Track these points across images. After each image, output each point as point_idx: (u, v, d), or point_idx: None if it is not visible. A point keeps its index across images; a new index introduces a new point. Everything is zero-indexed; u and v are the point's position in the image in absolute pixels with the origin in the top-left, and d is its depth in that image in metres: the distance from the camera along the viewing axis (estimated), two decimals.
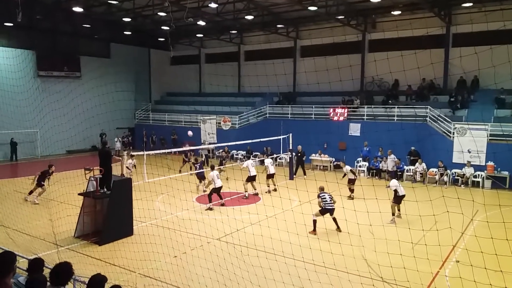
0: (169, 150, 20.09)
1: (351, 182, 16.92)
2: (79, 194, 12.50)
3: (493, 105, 22.25)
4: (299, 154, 22.40)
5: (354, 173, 17.28)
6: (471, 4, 22.32)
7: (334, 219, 12.61)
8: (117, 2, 25.15)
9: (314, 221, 12.56)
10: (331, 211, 12.62)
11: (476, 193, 18.13)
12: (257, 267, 8.86)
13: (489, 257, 8.83)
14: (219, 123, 28.70)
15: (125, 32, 32.03)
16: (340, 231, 12.49)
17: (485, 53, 21.68)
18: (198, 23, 27.93)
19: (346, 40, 27.77)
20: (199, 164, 18.02)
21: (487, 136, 19.84)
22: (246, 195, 16.82)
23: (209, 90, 36.29)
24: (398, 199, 13.90)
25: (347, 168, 17.14)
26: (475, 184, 19.57)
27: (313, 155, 24.83)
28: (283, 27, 29.79)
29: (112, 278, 6.51)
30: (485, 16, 22.48)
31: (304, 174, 22.08)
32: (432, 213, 11.53)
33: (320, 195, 12.82)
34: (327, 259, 9.57)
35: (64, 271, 4.63)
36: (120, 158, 14.93)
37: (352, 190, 16.87)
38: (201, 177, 17.58)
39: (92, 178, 12.02)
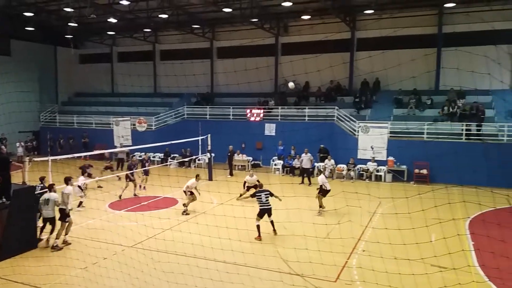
0: (79, 154, 18.91)
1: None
2: None
3: (392, 105, 24.44)
4: (229, 154, 22.87)
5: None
6: (372, 11, 24.19)
7: (272, 222, 12.11)
8: None
9: (258, 226, 11.89)
10: (268, 212, 12.09)
11: (379, 186, 19.86)
12: (169, 273, 8.80)
13: (395, 246, 9.75)
14: (134, 124, 27.72)
15: (27, 28, 29.45)
16: (275, 234, 12.11)
17: (386, 56, 24.00)
18: (109, 20, 26.66)
19: (261, 43, 28.57)
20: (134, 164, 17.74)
21: (388, 133, 21.70)
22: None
23: (123, 90, 34.83)
24: (324, 192, 14.63)
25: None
26: (378, 178, 21.32)
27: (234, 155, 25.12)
28: (199, 27, 29.66)
29: None
30: (387, 22, 24.69)
31: (231, 173, 22.75)
32: (337, 208, 12.37)
33: (256, 194, 12.39)
34: (239, 259, 9.81)
35: None
36: (22, 164, 13.71)
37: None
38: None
39: None
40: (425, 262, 9.21)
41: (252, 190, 15.15)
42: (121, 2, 22.22)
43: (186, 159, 25.21)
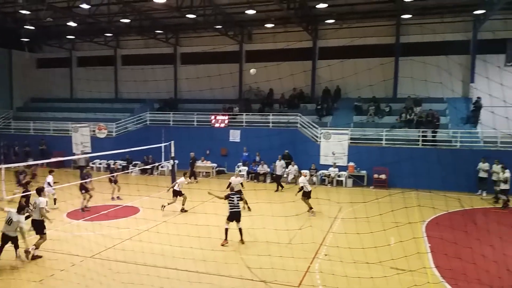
0: (35, 162, 18.21)
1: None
2: None
3: (352, 112, 25.13)
4: (191, 161, 22.70)
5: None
6: (333, 21, 24.86)
7: (240, 230, 11.96)
8: None
9: (226, 230, 11.86)
10: (237, 216, 12.01)
11: (340, 191, 20.28)
12: (128, 284, 8.61)
13: (354, 250, 9.98)
14: (94, 131, 26.95)
15: None
16: (243, 243, 11.93)
17: (346, 65, 24.67)
18: (69, 24, 25.89)
19: (225, 50, 28.65)
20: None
21: (348, 140, 22.26)
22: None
23: (82, 96, 33.85)
24: (307, 194, 15.20)
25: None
26: (339, 183, 21.80)
27: (196, 161, 24.89)
28: (162, 33, 29.36)
29: None
30: (348, 31, 25.44)
31: (195, 178, 22.71)
32: (299, 213, 12.53)
33: (230, 196, 12.21)
34: (201, 267, 9.73)
35: None
36: None
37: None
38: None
39: None
40: (384, 265, 9.50)
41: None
42: (81, 5, 21.65)
43: (149, 167, 24.76)
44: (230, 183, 15.92)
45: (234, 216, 12.01)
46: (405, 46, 25.25)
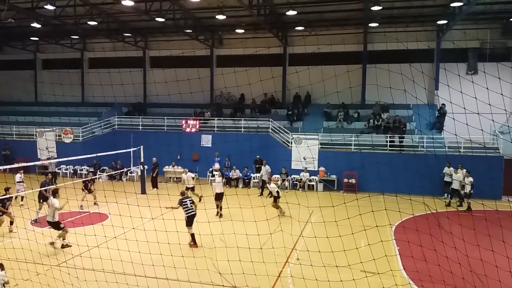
0: None
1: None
2: None
3: (322, 118, 25.53)
4: (152, 166, 22.04)
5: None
6: (303, 28, 25.23)
7: (193, 235, 12.38)
8: None
9: (192, 235, 12.35)
10: (193, 218, 12.40)
11: (310, 195, 20.52)
12: None
13: (324, 254, 10.09)
14: (60, 136, 26.12)
15: None
16: (196, 246, 12.39)
17: (316, 71, 25.03)
18: (33, 25, 25.05)
19: (196, 54, 28.46)
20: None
21: (319, 145, 22.58)
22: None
23: (47, 99, 32.76)
24: (275, 198, 15.89)
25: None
26: (311, 188, 22.06)
27: (166, 167, 24.59)
28: (130, 36, 28.90)
29: None
30: (317, 39, 25.81)
31: (156, 187, 21.70)
32: (269, 218, 12.58)
33: (182, 201, 12.47)
34: (171, 274, 9.59)
35: None
36: None
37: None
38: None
39: None
40: (353, 268, 9.65)
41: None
42: (45, 6, 20.99)
43: (117, 172, 24.22)
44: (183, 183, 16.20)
45: (192, 219, 12.37)
46: (372, 54, 25.98)
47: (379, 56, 25.48)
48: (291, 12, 21.12)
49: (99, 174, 24.62)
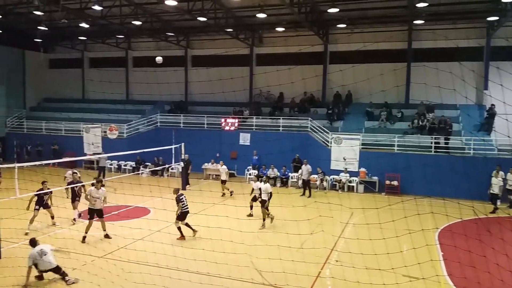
0: (47, 162, 18.32)
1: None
2: None
3: (364, 117, 24.99)
4: (185, 163, 22.38)
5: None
6: (345, 25, 24.79)
7: (187, 224, 12.65)
8: None
9: (179, 228, 12.47)
10: (186, 214, 12.64)
11: (351, 196, 20.17)
12: (140, 284, 8.63)
13: (366, 256, 9.90)
14: (105, 132, 27.12)
15: None
16: (195, 233, 12.62)
17: (358, 70, 24.56)
18: (81, 25, 26.15)
19: (236, 53, 28.71)
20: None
21: (359, 145, 22.12)
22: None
23: (94, 96, 34.14)
24: (262, 202, 14.32)
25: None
26: (350, 189, 21.66)
27: (206, 164, 24.95)
28: (173, 35, 29.53)
29: None
30: (359, 36, 25.33)
31: (187, 183, 21.93)
32: (310, 218, 12.47)
33: (180, 198, 12.64)
34: (212, 269, 9.72)
35: None
36: None
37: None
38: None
39: None
40: (396, 272, 9.39)
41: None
42: (93, 7, 21.84)
43: (159, 168, 24.84)
44: (253, 189, 15.58)
45: (187, 215, 12.61)
46: (417, 52, 25.12)
47: (424, 54, 24.61)
48: (333, 10, 20.79)
49: (142, 170, 25.36)
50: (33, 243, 9.48)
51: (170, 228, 12.62)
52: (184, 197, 12.75)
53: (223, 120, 26.41)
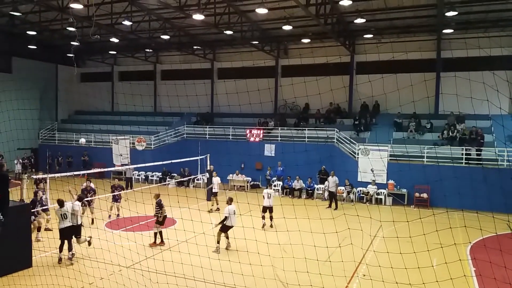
0: (77, 173, 18.83)
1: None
2: None
3: (391, 128, 24.54)
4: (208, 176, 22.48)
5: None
6: (371, 35, 24.59)
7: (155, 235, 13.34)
8: (20, 14, 23.37)
9: (155, 234, 13.13)
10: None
11: (379, 209, 19.68)
12: None
13: (396, 271, 9.61)
14: (133, 143, 27.70)
15: (29, 46, 29.77)
16: (155, 246, 13.10)
17: (386, 80, 24.15)
18: (111, 39, 27.00)
19: (261, 65, 28.86)
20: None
21: (388, 157, 21.70)
22: None
23: (123, 109, 34.99)
24: (225, 228, 13.24)
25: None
26: (378, 201, 21.21)
27: (231, 175, 25.03)
28: (200, 48, 30.04)
29: None
30: (386, 46, 24.99)
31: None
32: (338, 230, 12.22)
33: (162, 203, 13.43)
34: (238, 281, 9.64)
35: None
36: (20, 181, 13.58)
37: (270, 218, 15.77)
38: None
39: None
40: (427, 287, 9.06)
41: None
42: (123, 22, 22.52)
43: (185, 179, 25.09)
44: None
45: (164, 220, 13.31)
46: (447, 61, 24.57)
47: (454, 63, 24.03)
48: (359, 20, 20.67)
49: (168, 181, 25.68)
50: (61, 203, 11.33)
51: (197, 239, 12.65)
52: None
53: (248, 131, 26.51)
